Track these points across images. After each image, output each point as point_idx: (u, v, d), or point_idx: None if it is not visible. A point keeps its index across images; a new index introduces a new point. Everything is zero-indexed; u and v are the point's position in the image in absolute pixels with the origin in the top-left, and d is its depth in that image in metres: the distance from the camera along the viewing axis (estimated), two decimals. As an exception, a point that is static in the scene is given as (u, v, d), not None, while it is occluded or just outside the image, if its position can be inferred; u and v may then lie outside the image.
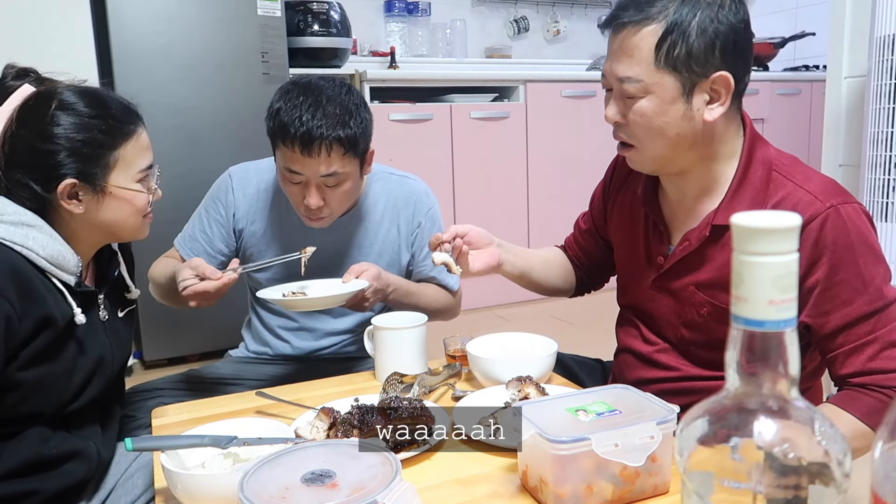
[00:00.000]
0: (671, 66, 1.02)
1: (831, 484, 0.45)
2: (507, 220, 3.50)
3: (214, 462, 0.91)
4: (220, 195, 1.54)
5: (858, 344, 1.01)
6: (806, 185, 1.05)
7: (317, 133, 1.29)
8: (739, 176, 1.09)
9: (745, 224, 0.44)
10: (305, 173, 1.34)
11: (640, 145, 1.09)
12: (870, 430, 0.99)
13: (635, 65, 1.03)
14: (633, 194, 1.25)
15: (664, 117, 1.05)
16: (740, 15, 1.03)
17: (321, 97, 1.32)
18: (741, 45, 1.03)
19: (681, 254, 1.14)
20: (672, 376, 1.18)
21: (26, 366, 1.01)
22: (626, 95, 1.06)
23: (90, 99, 1.09)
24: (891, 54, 1.95)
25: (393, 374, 1.19)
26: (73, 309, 1.06)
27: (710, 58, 1.02)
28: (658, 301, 1.19)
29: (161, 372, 2.63)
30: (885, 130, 1.99)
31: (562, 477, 0.79)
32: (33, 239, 1.03)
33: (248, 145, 2.59)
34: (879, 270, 1.02)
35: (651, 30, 1.01)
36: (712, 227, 1.09)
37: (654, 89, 1.03)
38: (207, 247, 1.53)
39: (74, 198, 1.07)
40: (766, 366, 0.46)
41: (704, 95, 1.04)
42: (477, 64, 4.04)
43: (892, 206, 2.00)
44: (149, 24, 2.59)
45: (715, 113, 1.05)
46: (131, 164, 1.11)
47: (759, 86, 4.04)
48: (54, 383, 1.06)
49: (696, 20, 1.00)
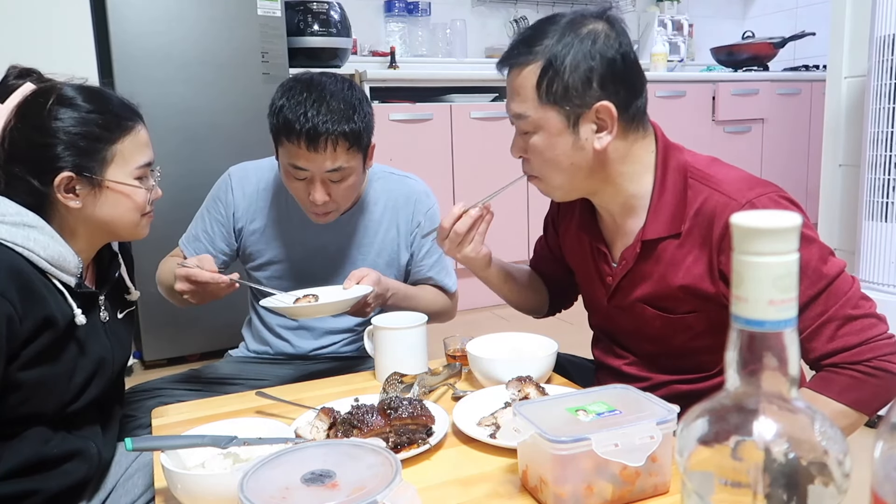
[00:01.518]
0: (552, 100, 1.06)
1: (831, 484, 0.45)
2: (506, 220, 3.49)
3: (214, 462, 0.91)
4: (220, 195, 1.55)
5: (814, 327, 1.01)
6: (720, 187, 1.07)
7: (322, 129, 1.30)
8: (658, 189, 1.12)
9: (745, 224, 0.44)
10: (311, 169, 1.34)
11: (542, 176, 1.14)
12: (849, 409, 1.00)
13: (522, 102, 1.09)
14: (575, 222, 1.28)
15: (555, 150, 1.09)
16: (615, 47, 1.06)
17: (324, 93, 1.33)
18: (619, 75, 1.06)
19: (621, 272, 1.17)
20: (643, 386, 1.19)
21: (27, 366, 1.01)
22: (522, 131, 1.11)
23: (89, 94, 1.10)
24: (891, 54, 1.95)
25: (393, 374, 1.19)
26: (74, 310, 1.06)
27: (588, 90, 1.05)
28: (617, 319, 1.23)
29: (161, 372, 2.63)
30: (885, 130, 1.99)
31: (562, 477, 0.80)
32: (34, 240, 1.03)
33: (248, 145, 2.59)
34: (812, 252, 1.02)
35: (531, 69, 1.07)
36: (642, 243, 1.12)
37: (542, 124, 1.08)
38: (209, 246, 1.54)
39: (71, 192, 1.07)
40: (766, 366, 0.46)
41: (591, 125, 1.07)
42: (477, 64, 4.04)
43: (892, 206, 2.00)
44: (149, 24, 2.59)
45: (603, 141, 1.08)
46: (129, 159, 1.11)
47: (759, 86, 4.04)
48: (55, 384, 1.06)
49: (570, 57, 1.04)
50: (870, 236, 2.05)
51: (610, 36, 1.06)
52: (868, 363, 1.00)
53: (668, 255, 1.10)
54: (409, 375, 1.19)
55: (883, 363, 0.99)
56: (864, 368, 1.00)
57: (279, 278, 1.54)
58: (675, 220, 1.09)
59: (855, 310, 1.01)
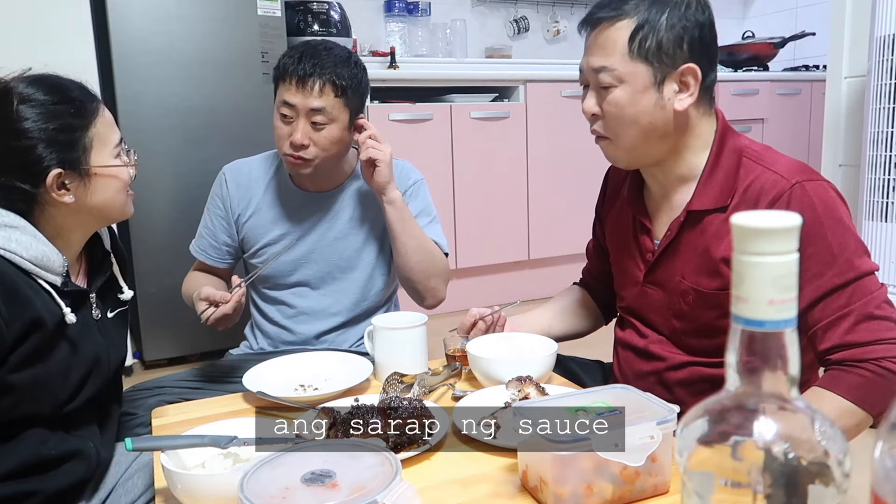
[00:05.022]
0: (643, 56, 1.09)
1: (831, 484, 0.45)
2: (507, 220, 3.49)
3: (214, 462, 0.91)
4: (217, 190, 1.64)
5: (834, 318, 1.02)
6: (773, 166, 1.10)
7: (312, 70, 1.43)
8: (711, 163, 1.14)
9: (745, 224, 0.44)
10: (297, 104, 1.44)
11: (614, 136, 1.15)
12: (857, 408, 1.00)
13: (610, 56, 1.11)
14: (623, 200, 1.31)
15: (637, 106, 1.11)
16: (705, 15, 1.11)
17: (322, 49, 1.47)
18: (706, 42, 1.11)
19: (664, 243, 1.19)
20: (666, 366, 1.22)
21: (18, 368, 1.01)
22: (602, 86, 1.12)
23: (48, 86, 1.07)
24: (891, 54, 1.95)
25: (393, 374, 1.19)
26: (63, 308, 1.05)
27: (679, 51, 1.09)
28: (650, 297, 1.24)
29: (161, 372, 2.63)
30: (885, 130, 1.99)
31: (562, 477, 0.80)
32: (16, 241, 1.02)
33: (247, 145, 2.57)
34: (849, 243, 1.03)
35: (624, 24, 1.10)
36: (688, 212, 1.14)
37: (627, 78, 1.10)
38: (212, 240, 1.63)
39: (63, 188, 1.06)
40: (766, 366, 0.46)
41: (674, 86, 1.11)
42: (477, 64, 4.04)
43: (892, 206, 2.00)
44: (149, 24, 2.59)
45: (684, 103, 1.11)
46: (105, 140, 1.10)
47: (759, 86, 4.04)
48: (49, 384, 1.06)
49: (665, 17, 1.09)
50: (870, 236, 2.05)
51: (700, 4, 1.11)
52: (878, 362, 1.00)
53: (714, 228, 1.12)
54: (409, 375, 1.19)
55: (893, 365, 0.99)
56: (873, 367, 1.00)
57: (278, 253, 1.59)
58: (723, 194, 1.12)
59: (878, 310, 1.02)
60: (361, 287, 1.62)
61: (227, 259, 1.66)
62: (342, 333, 1.63)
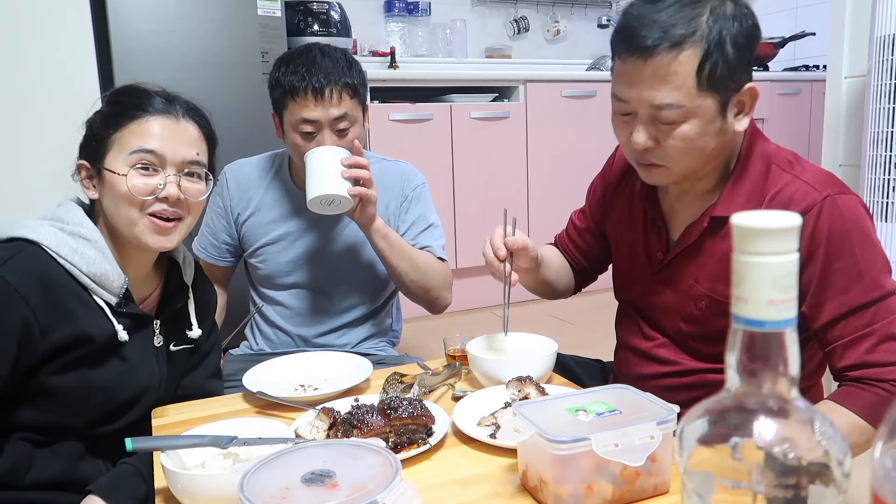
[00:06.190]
0: (713, 87, 0.99)
1: (831, 484, 0.45)
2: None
3: (214, 462, 0.91)
4: (217, 191, 1.65)
5: (856, 336, 1.01)
6: (803, 176, 1.06)
7: (325, 80, 1.42)
8: (739, 169, 1.10)
9: (745, 224, 0.44)
10: (320, 118, 1.43)
11: (672, 164, 1.07)
12: (868, 426, 0.99)
13: (675, 90, 0.99)
14: (632, 191, 1.25)
15: (705, 137, 1.03)
16: (753, 20, 1.01)
17: (318, 55, 1.45)
18: (755, 52, 1.03)
19: (680, 247, 1.15)
20: (671, 371, 1.19)
21: (61, 371, 1.01)
22: (663, 122, 1.02)
23: (118, 89, 1.19)
24: (891, 54, 1.95)
25: (393, 374, 1.19)
26: (115, 326, 1.06)
27: (744, 73, 1.01)
28: (658, 296, 1.20)
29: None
30: (885, 130, 1.99)
31: (562, 477, 0.79)
32: (81, 255, 1.03)
33: (248, 145, 2.57)
34: (877, 261, 1.02)
35: (689, 54, 0.97)
36: (711, 218, 1.10)
37: (696, 112, 1.00)
38: (213, 239, 1.66)
39: (89, 180, 1.10)
40: (766, 366, 0.46)
41: (734, 108, 1.04)
42: (477, 64, 4.04)
43: (892, 206, 2.00)
44: (149, 24, 2.59)
45: (744, 123, 1.06)
46: (124, 145, 1.09)
47: (759, 86, 4.04)
48: (92, 395, 1.06)
49: (730, 35, 0.98)
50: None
51: (743, 7, 1.00)
52: (895, 383, 0.99)
53: None
54: (410, 375, 1.19)
55: None
56: (890, 387, 0.98)
57: (277, 253, 1.61)
58: (750, 201, 1.07)
59: None
60: (361, 288, 1.62)
61: (228, 258, 1.67)
62: (342, 335, 1.63)
